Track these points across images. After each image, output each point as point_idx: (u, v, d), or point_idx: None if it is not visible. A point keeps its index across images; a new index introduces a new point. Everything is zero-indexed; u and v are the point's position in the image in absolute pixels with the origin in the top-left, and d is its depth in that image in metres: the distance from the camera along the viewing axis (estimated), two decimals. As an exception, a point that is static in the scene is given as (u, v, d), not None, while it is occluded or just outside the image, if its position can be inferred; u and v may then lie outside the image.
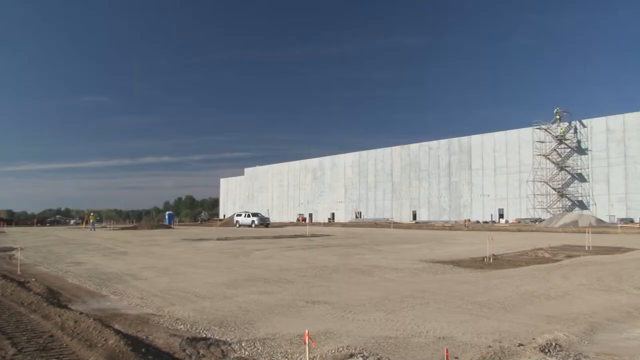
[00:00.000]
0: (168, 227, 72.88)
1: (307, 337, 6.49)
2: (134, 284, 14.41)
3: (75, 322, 8.63)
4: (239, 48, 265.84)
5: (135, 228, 67.64)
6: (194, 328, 8.77)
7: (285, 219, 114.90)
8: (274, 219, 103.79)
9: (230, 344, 7.71)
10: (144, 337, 8.03)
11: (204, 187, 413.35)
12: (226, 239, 38.36)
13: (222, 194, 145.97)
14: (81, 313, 9.34)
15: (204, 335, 8.21)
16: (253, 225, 71.42)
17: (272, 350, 7.40)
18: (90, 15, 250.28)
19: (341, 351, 7.21)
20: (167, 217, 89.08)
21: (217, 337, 8.09)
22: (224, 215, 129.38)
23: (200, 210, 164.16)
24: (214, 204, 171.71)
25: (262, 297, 11.94)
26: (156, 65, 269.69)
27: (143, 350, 7.10)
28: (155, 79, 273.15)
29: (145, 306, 10.88)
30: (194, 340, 7.77)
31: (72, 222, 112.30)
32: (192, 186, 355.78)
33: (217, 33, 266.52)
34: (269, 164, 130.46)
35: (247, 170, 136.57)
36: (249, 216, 75.10)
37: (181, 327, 8.90)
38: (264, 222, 73.37)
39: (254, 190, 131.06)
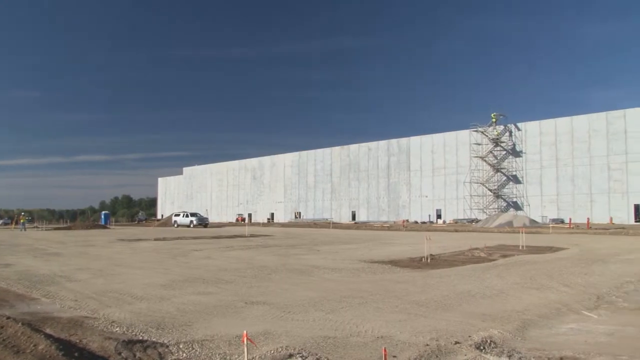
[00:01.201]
0: (104, 227, 71.18)
1: (245, 338, 6.44)
2: (68, 285, 13.99)
3: (1, 327, 8.23)
4: (177, 45, 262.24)
5: (69, 228, 65.76)
6: (130, 330, 8.57)
7: (225, 219, 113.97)
8: (212, 219, 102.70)
9: (167, 346, 7.57)
10: (77, 341, 7.78)
11: (142, 187, 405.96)
12: (164, 239, 37.76)
13: (160, 193, 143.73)
14: (8, 317, 8.92)
15: (141, 338, 8.04)
16: (191, 225, 70.57)
17: (210, 352, 7.31)
18: (22, 8, 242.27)
19: (280, 351, 7.18)
20: (103, 217, 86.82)
21: (154, 339, 7.93)
22: (162, 215, 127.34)
23: (138, 210, 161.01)
24: (152, 203, 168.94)
25: (201, 297, 11.80)
26: (92, 61, 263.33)
27: (76, 354, 6.86)
28: (90, 75, 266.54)
29: (80, 309, 10.57)
30: (130, 343, 7.59)
31: (0, 222, 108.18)
32: (129, 185, 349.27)
33: (156, 29, 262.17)
34: (208, 163, 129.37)
35: (185, 169, 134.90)
36: (187, 216, 74.15)
37: (117, 329, 8.69)
38: (203, 222, 72.55)
39: (192, 190, 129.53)
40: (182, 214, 76.52)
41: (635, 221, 63.88)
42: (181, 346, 7.58)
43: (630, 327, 8.97)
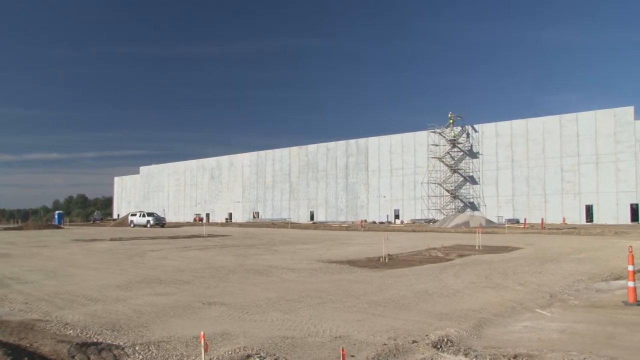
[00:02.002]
0: (58, 227, 69.68)
1: (203, 339, 6.38)
2: (18, 288, 13.65)
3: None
4: (134, 42, 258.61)
5: (20, 228, 64.14)
6: (84, 333, 8.42)
7: (182, 218, 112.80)
8: (170, 218, 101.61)
9: (123, 348, 7.46)
10: (28, 345, 7.60)
11: (97, 186, 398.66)
12: (120, 239, 37.19)
13: (117, 193, 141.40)
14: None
15: (95, 340, 7.90)
16: (148, 225, 69.69)
17: (167, 354, 7.23)
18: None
19: (238, 352, 7.15)
20: (56, 216, 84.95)
21: (109, 342, 7.81)
22: (118, 215, 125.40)
23: (93, 209, 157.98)
24: (108, 203, 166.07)
25: (158, 298, 11.66)
26: (45, 57, 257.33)
27: (26, 359, 6.72)
28: (42, 70, 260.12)
29: (30, 311, 10.33)
30: (84, 346, 7.45)
31: None
32: (84, 185, 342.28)
33: (111, 25, 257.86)
34: (165, 162, 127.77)
35: (142, 168, 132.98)
36: (144, 216, 73.18)
37: (70, 332, 8.52)
38: (160, 222, 71.71)
39: (149, 190, 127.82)
40: (138, 214, 75.48)
41: (587, 221, 65.49)
42: (137, 348, 7.48)
43: (580, 324, 9.21)
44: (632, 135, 63.14)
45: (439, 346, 7.61)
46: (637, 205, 59.95)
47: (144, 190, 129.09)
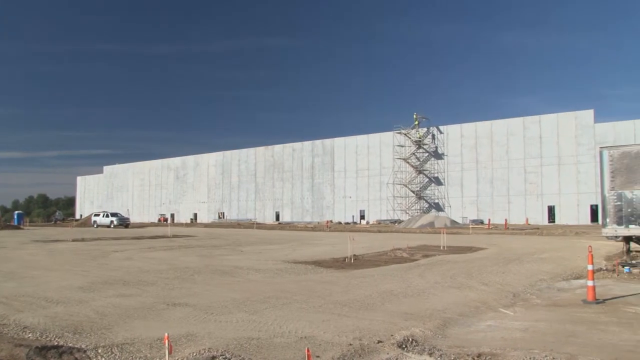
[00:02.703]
0: (17, 227, 68.20)
1: (167, 341, 6.31)
2: (-25, 289, 13.32)
3: None
4: (98, 40, 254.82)
5: (-23, 229, 62.64)
6: (44, 336, 8.23)
7: (147, 219, 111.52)
8: (134, 219, 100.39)
9: (85, 351, 7.32)
10: (-17, 350, 7.41)
11: (59, 186, 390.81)
12: (83, 240, 36.59)
13: (79, 192, 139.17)
14: None
15: (56, 343, 7.73)
16: (112, 226, 68.73)
17: (130, 356, 7.13)
18: None
19: (203, 354, 7.08)
20: (16, 216, 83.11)
21: (70, 345, 7.65)
22: (81, 215, 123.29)
23: (55, 209, 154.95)
24: (70, 203, 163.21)
25: (121, 300, 11.50)
26: (5, 53, 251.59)
27: (-20, 364, 6.54)
28: (1, 67, 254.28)
29: (-14, 315, 10.06)
30: (43, 349, 7.29)
31: None
32: (45, 184, 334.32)
33: (76, 22, 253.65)
34: (129, 162, 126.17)
35: (106, 168, 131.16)
36: (107, 216, 72.20)
37: (29, 335, 8.32)
38: (124, 223, 70.79)
39: (113, 190, 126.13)
40: (102, 214, 74.47)
41: (549, 222, 66.72)
42: (100, 350, 7.35)
43: (542, 322, 9.36)
44: (592, 138, 64.59)
45: (404, 346, 7.65)
46: (596, 206, 61.12)
47: (108, 190, 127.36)
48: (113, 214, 73.79)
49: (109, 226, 68.87)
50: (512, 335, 8.38)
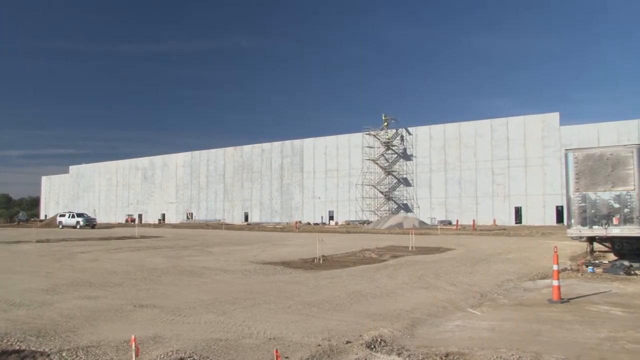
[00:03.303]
0: (-21, 228, 66.89)
1: (134, 343, 6.24)
2: None
3: None
4: (64, 38, 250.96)
5: (-63, 230, 61.23)
6: (5, 340, 8.01)
7: (114, 219, 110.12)
8: (101, 219, 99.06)
9: (48, 355, 7.19)
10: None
11: (23, 185, 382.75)
12: (47, 241, 35.96)
13: (44, 193, 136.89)
14: None
15: (18, 347, 7.56)
16: (78, 227, 67.70)
17: (96, 359, 7.03)
18: None
19: (170, 355, 7.02)
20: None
21: (33, 349, 7.49)
22: (46, 216, 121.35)
23: (18, 210, 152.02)
24: (34, 203, 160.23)
25: (87, 302, 11.32)
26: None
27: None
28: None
29: (-56, 319, 9.76)
30: (4, 354, 7.14)
31: None
32: (9, 184, 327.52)
33: (43, 19, 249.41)
34: (96, 162, 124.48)
35: (72, 168, 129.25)
36: (73, 217, 71.09)
37: (-10, 339, 8.13)
38: (90, 223, 69.77)
39: (79, 190, 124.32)
40: (67, 215, 73.32)
41: (516, 223, 67.57)
42: (64, 354, 7.23)
43: (509, 322, 9.48)
44: (557, 140, 65.67)
45: (372, 346, 7.68)
46: (562, 207, 62.03)
47: (74, 190, 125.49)
48: (79, 215, 72.71)
49: (75, 227, 67.82)
50: (479, 335, 8.47)
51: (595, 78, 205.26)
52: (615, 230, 16.94)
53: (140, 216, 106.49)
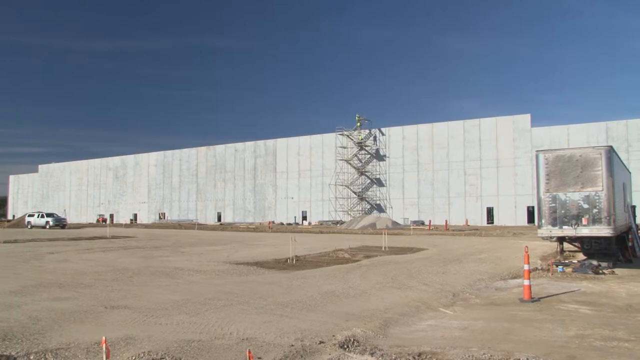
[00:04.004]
0: (-56, 229, 65.54)
1: (104, 344, 6.16)
2: None
3: None
4: (33, 34, 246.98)
5: None
6: (-30, 343, 7.86)
7: (85, 219, 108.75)
8: (71, 219, 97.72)
9: (15, 358, 7.07)
10: None
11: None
12: (15, 241, 35.38)
13: (12, 192, 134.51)
14: None
15: (-16, 350, 7.43)
16: (47, 227, 66.69)
17: (65, 361, 6.93)
18: None
19: (142, 357, 6.96)
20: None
21: None
22: (14, 216, 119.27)
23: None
24: (2, 203, 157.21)
25: (56, 303, 11.16)
26: None
27: None
28: None
29: None
30: (-31, 357, 7.00)
31: None
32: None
33: (10, 15, 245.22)
34: (66, 161, 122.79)
35: (41, 167, 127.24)
36: (42, 216, 69.99)
37: (-47, 344, 7.93)
38: (60, 223, 68.78)
39: (49, 189, 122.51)
40: (36, 215, 72.17)
41: (488, 223, 68.25)
42: (32, 357, 7.11)
43: (480, 321, 9.58)
44: (529, 141, 66.49)
45: (345, 346, 7.70)
46: (533, 207, 62.81)
47: (43, 190, 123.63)
48: (49, 215, 71.63)
49: (44, 227, 66.83)
50: (451, 334, 8.53)
51: (564, 80, 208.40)
52: (584, 230, 17.18)
53: (111, 216, 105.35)
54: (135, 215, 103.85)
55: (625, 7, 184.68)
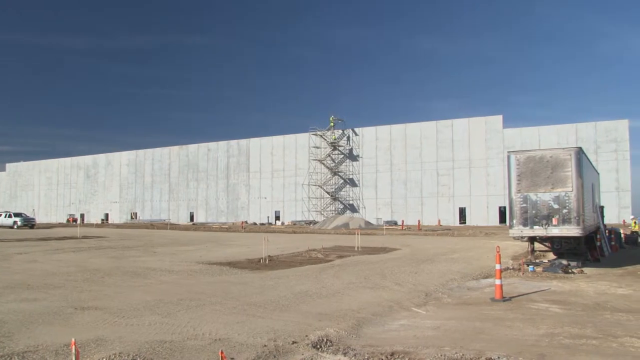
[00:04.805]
0: None
1: (74, 346, 6.07)
2: None
3: None
4: (7, 30, 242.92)
5: None
6: None
7: (54, 219, 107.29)
8: (41, 219, 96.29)
9: (-19, 361, 6.94)
10: None
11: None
12: (-17, 241, 34.77)
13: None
14: None
15: (-54, 355, 7.26)
16: (15, 227, 65.52)
17: (33, 363, 6.81)
18: None
19: (113, 359, 6.89)
20: None
21: (-37, 355, 7.21)
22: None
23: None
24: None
25: (24, 305, 10.97)
26: None
27: None
28: None
29: None
30: None
31: None
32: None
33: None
34: (35, 159, 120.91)
35: (9, 166, 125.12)
36: (10, 216, 68.75)
37: None
38: (29, 223, 67.65)
39: (17, 189, 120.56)
40: (4, 214, 70.87)
41: (460, 223, 68.88)
42: (-2, 360, 6.98)
43: (452, 320, 9.65)
44: (501, 142, 67.29)
45: (318, 346, 7.70)
46: (504, 208, 63.51)
47: (11, 189, 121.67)
48: (16, 214, 70.38)
49: (12, 227, 65.65)
50: (424, 334, 8.58)
51: (536, 82, 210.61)
52: (555, 230, 17.42)
53: (82, 216, 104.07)
54: (107, 215, 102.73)
55: (592, 10, 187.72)
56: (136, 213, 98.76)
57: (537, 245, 20.36)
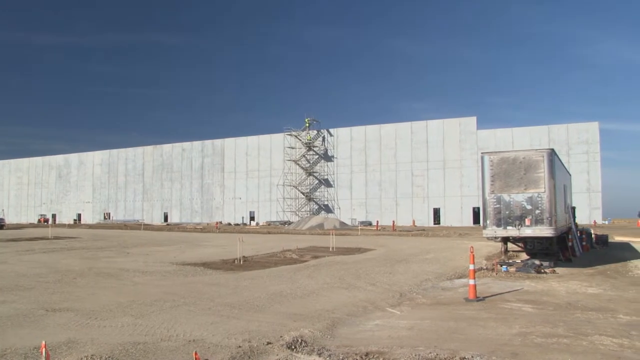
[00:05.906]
0: None
1: (44, 349, 5.97)
2: None
3: None
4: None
5: None
6: None
7: (25, 220, 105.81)
8: (10, 220, 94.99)
9: (-53, 366, 6.80)
10: None
11: None
12: (-48, 242, 34.16)
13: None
14: None
15: None
16: (-16, 227, 64.57)
17: (2, 366, 6.70)
18: None
19: (84, 361, 6.78)
20: None
21: None
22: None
23: None
24: None
25: (-6, 306, 10.79)
26: None
27: None
28: None
29: None
30: None
31: None
32: None
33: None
34: (5, 159, 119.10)
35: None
36: (-21, 217, 67.75)
37: None
38: (-2, 224, 66.68)
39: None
40: (-27, 215, 69.84)
41: (434, 223, 69.39)
42: (-35, 364, 6.85)
43: (427, 320, 9.70)
44: (474, 143, 67.95)
45: (293, 347, 7.69)
46: (478, 208, 64.10)
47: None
48: (-14, 215, 69.38)
49: (-20, 228, 64.69)
50: (398, 334, 8.61)
51: (509, 83, 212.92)
52: (527, 231, 17.60)
53: (54, 216, 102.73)
54: (79, 216, 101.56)
55: (565, 13, 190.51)
56: (109, 213, 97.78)
57: (510, 245, 20.55)
